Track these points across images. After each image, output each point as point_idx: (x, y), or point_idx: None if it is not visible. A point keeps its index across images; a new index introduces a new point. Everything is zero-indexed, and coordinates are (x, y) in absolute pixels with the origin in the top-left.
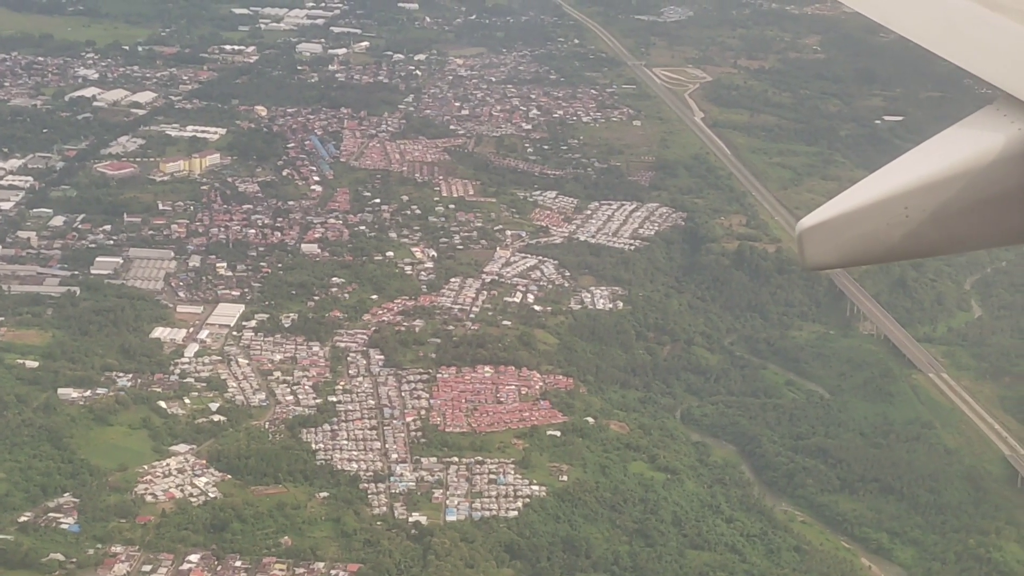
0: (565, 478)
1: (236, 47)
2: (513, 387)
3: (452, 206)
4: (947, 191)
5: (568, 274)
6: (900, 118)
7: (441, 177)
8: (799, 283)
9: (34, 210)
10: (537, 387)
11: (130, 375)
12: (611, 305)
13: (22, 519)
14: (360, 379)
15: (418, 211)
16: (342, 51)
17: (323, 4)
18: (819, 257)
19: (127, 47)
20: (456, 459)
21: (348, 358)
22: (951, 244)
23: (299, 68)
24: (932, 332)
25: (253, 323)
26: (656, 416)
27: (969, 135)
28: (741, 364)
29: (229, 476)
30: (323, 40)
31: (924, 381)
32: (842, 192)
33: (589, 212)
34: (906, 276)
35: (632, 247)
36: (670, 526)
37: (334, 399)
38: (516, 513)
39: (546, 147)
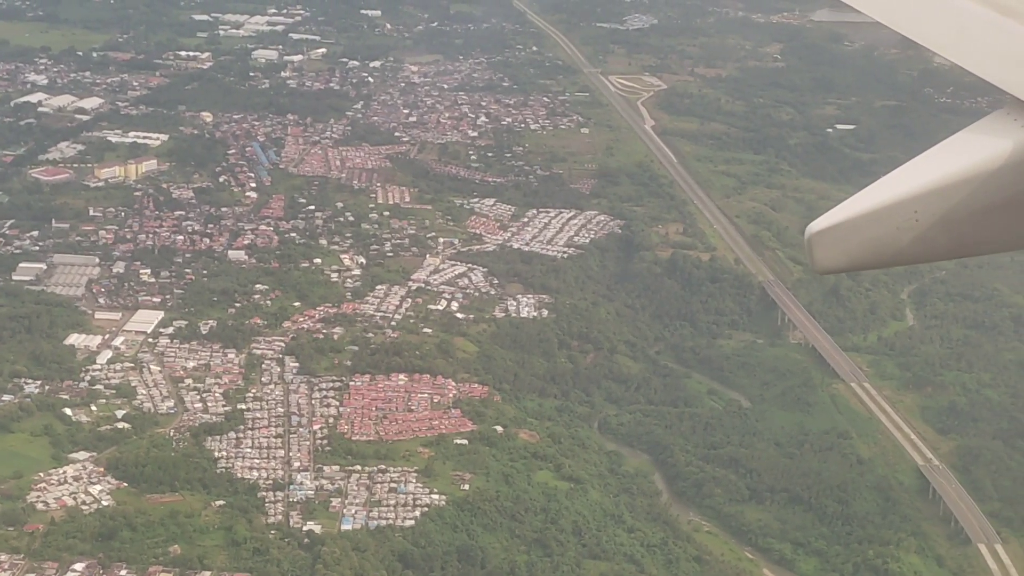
0: (467, 487)
1: (191, 53)
2: (426, 395)
3: (387, 213)
4: (957, 195)
5: (496, 282)
6: (852, 126)
7: (379, 184)
8: (730, 292)
9: None
10: (451, 395)
11: (39, 382)
12: (536, 313)
13: None
14: (272, 386)
15: (351, 218)
16: (298, 58)
17: (285, 11)
18: (828, 261)
19: (81, 53)
20: (359, 467)
21: (263, 365)
22: (961, 248)
23: (251, 75)
24: (862, 341)
25: (171, 330)
26: (570, 425)
27: (979, 139)
28: (664, 373)
29: (125, 484)
30: (280, 47)
31: (845, 391)
32: (839, 199)
33: (526, 220)
34: (840, 286)
35: (565, 255)
36: (570, 535)
37: (243, 407)
38: (413, 522)
39: (490, 154)
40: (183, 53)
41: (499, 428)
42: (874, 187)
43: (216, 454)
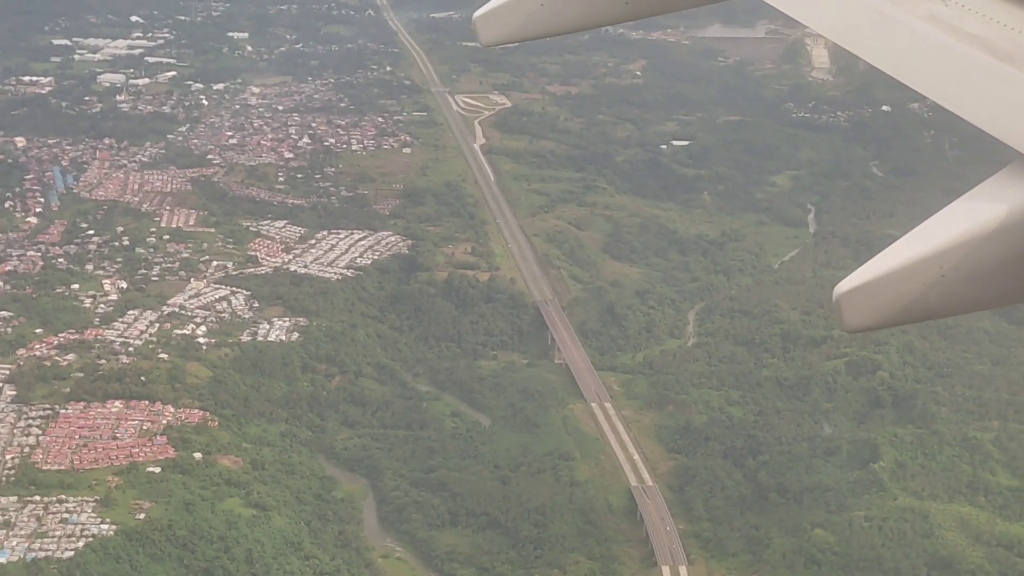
0: (142, 516)
1: (34, 78)
2: (136, 422)
3: (166, 237)
4: (981, 249)
5: (256, 305)
6: (686, 143)
7: (167, 208)
8: (503, 312)
9: None
10: (164, 422)
11: None
12: (285, 337)
13: None
14: None
15: (127, 242)
16: (143, 81)
17: (150, 34)
18: (858, 320)
19: None
20: (38, 498)
21: None
22: (988, 300)
23: (87, 99)
24: (631, 361)
25: None
26: (287, 450)
27: (999, 192)
28: (409, 396)
29: None
30: (132, 70)
31: (582, 411)
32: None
33: (313, 241)
34: (618, 304)
35: (340, 277)
36: (241, 564)
37: None
38: (73, 553)
39: (299, 176)
40: (26, 78)
41: (198, 455)
42: (899, 244)
43: None
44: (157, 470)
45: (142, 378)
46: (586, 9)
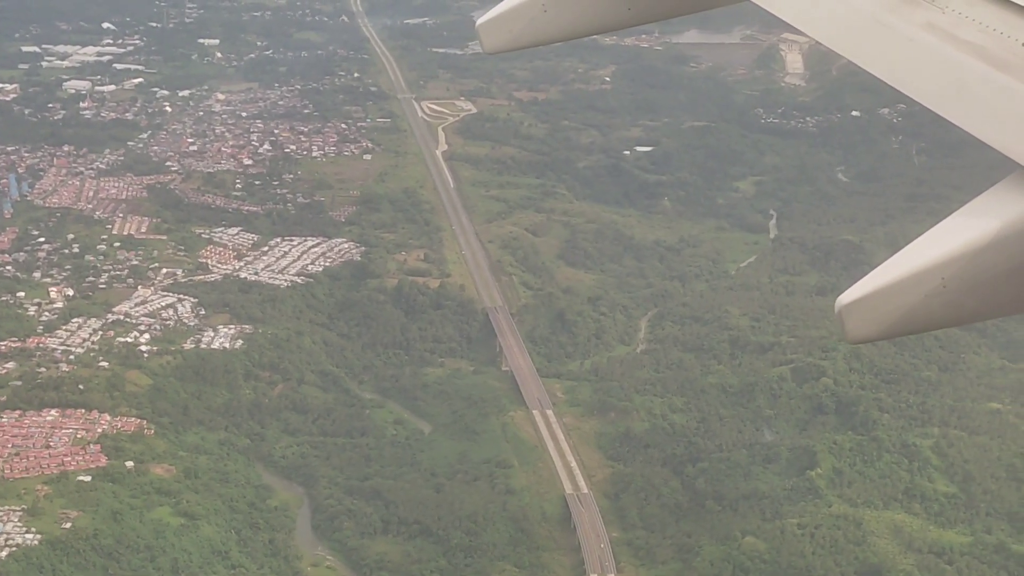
0: (68, 525)
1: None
2: (71, 431)
3: (117, 244)
4: (982, 259)
5: (203, 313)
6: (650, 148)
7: (120, 215)
8: (453, 319)
9: None
10: (99, 431)
11: None
12: (229, 344)
13: None
14: None
15: (77, 250)
16: (110, 88)
17: (120, 41)
18: (861, 332)
19: None
20: None
21: None
22: (989, 311)
23: (49, 106)
24: (579, 368)
25: None
26: (224, 459)
27: (998, 203)
28: (352, 403)
29: None
30: (99, 77)
31: (522, 418)
32: (871, 267)
33: (267, 248)
34: (568, 310)
35: (290, 284)
36: (167, 573)
37: None
38: None
39: (257, 183)
40: None
41: (130, 464)
42: (900, 256)
43: None
44: (88, 479)
45: (80, 386)
46: (588, 15)
